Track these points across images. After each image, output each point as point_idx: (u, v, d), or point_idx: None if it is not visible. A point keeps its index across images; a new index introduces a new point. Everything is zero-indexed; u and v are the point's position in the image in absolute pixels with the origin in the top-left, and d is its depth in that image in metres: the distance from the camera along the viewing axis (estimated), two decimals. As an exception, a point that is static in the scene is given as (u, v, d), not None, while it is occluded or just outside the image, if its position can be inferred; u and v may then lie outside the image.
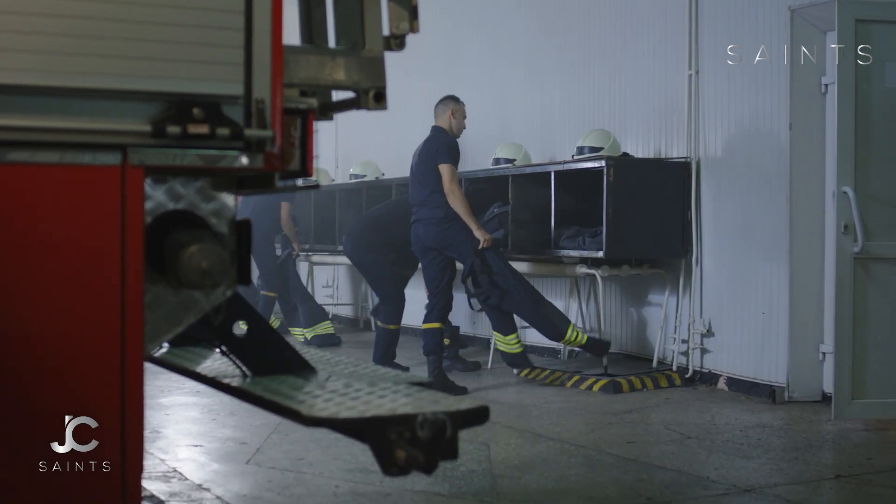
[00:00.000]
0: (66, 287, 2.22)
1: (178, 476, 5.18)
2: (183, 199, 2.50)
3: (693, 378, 7.99)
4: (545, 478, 5.15)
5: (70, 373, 2.23)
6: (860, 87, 6.26)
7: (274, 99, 2.36)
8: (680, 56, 8.14)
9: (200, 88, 2.30)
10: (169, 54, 2.26)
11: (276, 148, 2.38)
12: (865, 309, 6.25)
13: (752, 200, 7.60)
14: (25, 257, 2.23)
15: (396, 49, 2.66)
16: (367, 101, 2.63)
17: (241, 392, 2.91)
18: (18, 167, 2.22)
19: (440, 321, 7.98)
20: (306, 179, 2.63)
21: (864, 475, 5.21)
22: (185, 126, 2.26)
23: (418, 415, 2.45)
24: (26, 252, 2.23)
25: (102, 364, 2.24)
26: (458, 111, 8.12)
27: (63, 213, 2.26)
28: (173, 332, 2.56)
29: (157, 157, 2.29)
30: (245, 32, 2.32)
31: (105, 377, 2.24)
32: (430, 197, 7.90)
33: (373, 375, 3.24)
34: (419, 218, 7.99)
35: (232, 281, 2.57)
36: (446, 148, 7.91)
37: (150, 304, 2.49)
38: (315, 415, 2.56)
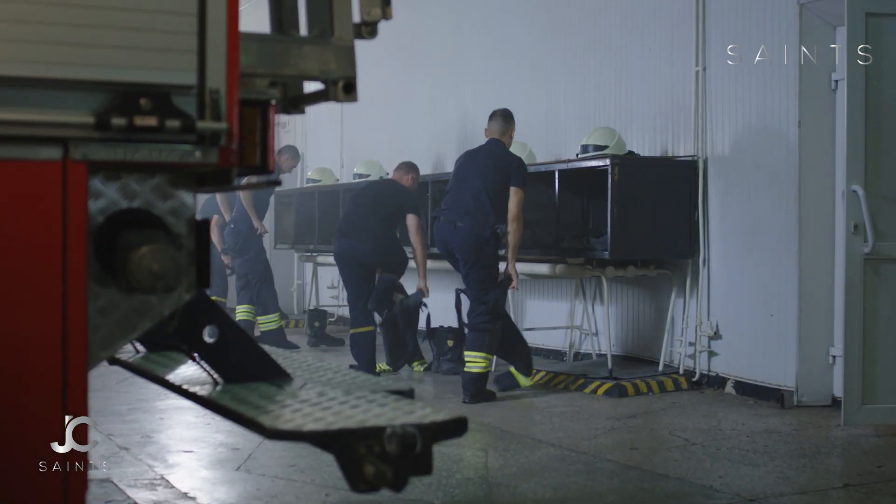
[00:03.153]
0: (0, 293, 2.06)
1: (165, 484, 5.04)
2: (138, 197, 2.35)
3: (700, 382, 7.80)
4: (543, 486, 4.98)
5: (4, 386, 2.06)
6: (870, 82, 6.06)
7: (230, 89, 2.19)
8: (686, 52, 7.96)
9: (149, 77, 2.13)
10: (114, 41, 2.10)
11: (232, 142, 2.21)
12: (875, 311, 6.05)
13: (760, 200, 7.42)
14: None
15: (368, 37, 2.50)
16: (337, 93, 2.46)
17: (206, 401, 2.76)
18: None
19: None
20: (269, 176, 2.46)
21: (874, 484, 5.02)
22: (131, 118, 2.10)
23: (386, 427, 2.30)
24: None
25: (41, 376, 2.08)
26: (513, 131, 7.79)
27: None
28: (128, 339, 2.41)
29: (102, 152, 2.13)
30: (198, 17, 2.16)
31: (44, 391, 2.08)
32: (480, 210, 7.42)
33: (351, 383, 3.09)
34: (463, 225, 7.48)
35: (190, 284, 2.42)
36: (519, 169, 7.49)
37: (103, 309, 2.33)
38: (278, 427, 2.41)
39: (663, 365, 8.10)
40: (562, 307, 9.36)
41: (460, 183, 7.64)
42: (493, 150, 7.65)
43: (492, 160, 7.56)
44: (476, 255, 7.45)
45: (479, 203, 7.43)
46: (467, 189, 7.54)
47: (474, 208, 7.44)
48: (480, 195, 7.44)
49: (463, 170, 7.69)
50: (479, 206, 7.43)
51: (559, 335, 9.33)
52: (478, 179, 7.50)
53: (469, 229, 7.43)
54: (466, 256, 7.50)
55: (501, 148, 7.65)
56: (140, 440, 6.02)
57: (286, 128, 14.45)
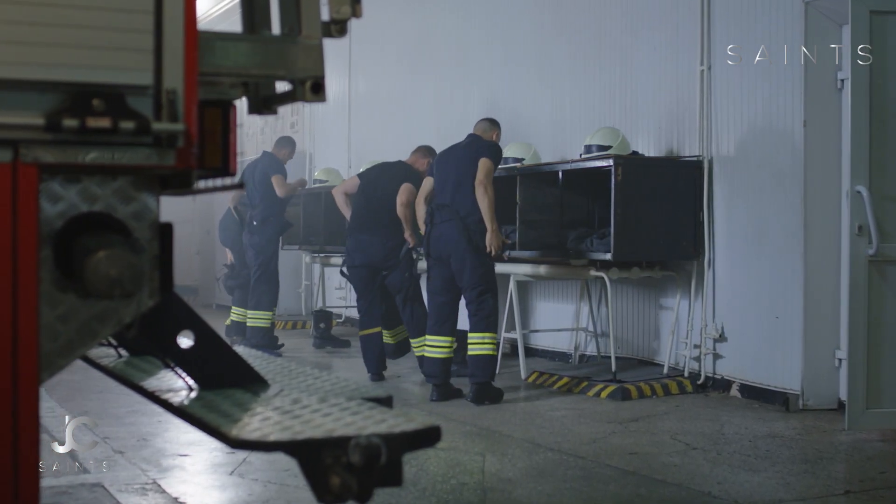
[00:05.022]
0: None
1: (156, 488, 4.98)
2: (99, 200, 2.28)
3: (705, 384, 7.72)
4: (538, 492, 4.91)
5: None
6: (875, 81, 5.96)
7: (188, 89, 2.12)
8: (691, 51, 7.87)
9: (102, 77, 2.06)
10: (67, 39, 2.03)
11: (191, 144, 2.14)
12: (880, 314, 5.95)
13: (765, 200, 7.33)
14: None
15: (337, 35, 2.42)
16: (304, 93, 2.39)
17: (175, 409, 2.70)
18: None
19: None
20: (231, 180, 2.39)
21: (875, 490, 4.93)
22: (83, 119, 2.03)
23: (351, 438, 2.23)
24: None
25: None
26: (497, 135, 7.85)
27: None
28: (89, 346, 2.35)
29: (54, 154, 2.06)
30: (155, 15, 2.09)
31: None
32: (463, 201, 7.49)
33: (328, 389, 3.02)
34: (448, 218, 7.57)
35: (154, 290, 2.35)
36: (490, 147, 7.54)
37: (62, 315, 2.27)
38: (243, 437, 2.34)
39: (668, 367, 8.01)
40: (567, 309, 9.28)
41: (442, 180, 7.64)
42: (471, 142, 7.67)
43: (470, 150, 7.53)
44: (466, 242, 7.39)
45: (462, 195, 7.43)
46: (449, 183, 7.55)
47: (456, 200, 7.47)
48: (461, 186, 7.45)
49: (443, 167, 7.69)
50: (461, 198, 7.43)
51: (564, 337, 9.25)
52: (455, 172, 7.52)
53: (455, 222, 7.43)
54: (455, 247, 7.45)
55: (478, 139, 7.68)
56: (136, 443, 5.97)
57: (294, 128, 14.41)
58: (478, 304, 7.40)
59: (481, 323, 7.38)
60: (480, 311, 7.39)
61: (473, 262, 7.38)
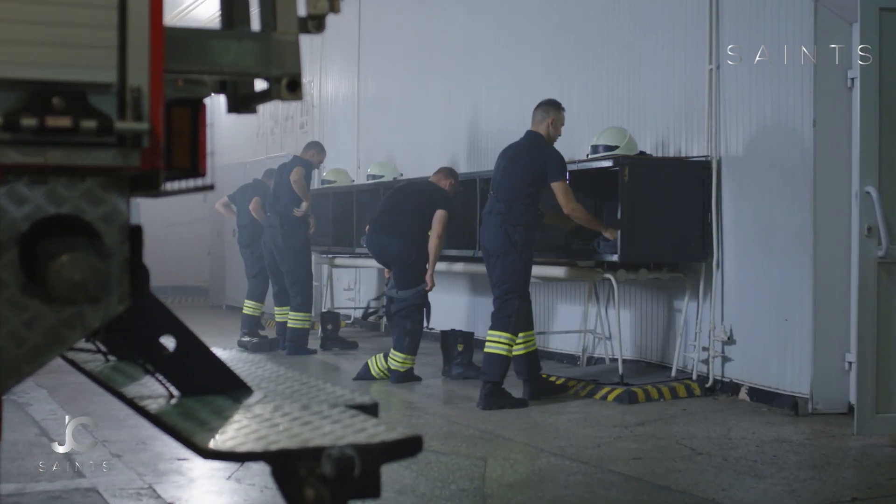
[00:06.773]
0: None
1: (151, 493, 4.92)
2: (67, 202, 2.21)
3: (713, 388, 7.61)
4: (537, 498, 4.81)
5: None
6: (885, 80, 5.85)
7: (153, 87, 2.04)
8: (699, 51, 7.77)
9: (63, 75, 1.99)
10: (25, 35, 1.96)
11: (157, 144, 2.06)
12: (890, 316, 5.84)
13: (774, 201, 7.21)
14: None
15: (314, 31, 2.34)
16: (280, 91, 2.31)
17: (150, 416, 2.62)
18: None
19: None
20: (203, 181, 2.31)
21: (883, 497, 4.82)
22: (42, 118, 1.96)
23: (325, 449, 2.15)
24: None
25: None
26: (557, 120, 7.55)
27: None
28: (56, 352, 2.27)
29: (13, 155, 1.99)
30: (119, 11, 2.01)
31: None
32: (509, 206, 7.40)
33: (313, 396, 2.94)
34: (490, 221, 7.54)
35: (124, 295, 2.28)
36: (552, 161, 7.36)
37: (28, 321, 2.20)
38: (214, 447, 2.27)
39: (676, 370, 7.90)
40: (576, 311, 9.19)
41: (497, 179, 7.60)
42: (527, 142, 7.55)
43: (527, 154, 7.45)
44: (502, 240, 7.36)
45: (509, 198, 7.39)
46: (501, 185, 7.50)
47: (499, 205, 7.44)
48: (512, 189, 7.40)
49: (500, 161, 7.65)
50: (508, 201, 7.39)
51: (573, 339, 9.16)
52: (508, 176, 7.47)
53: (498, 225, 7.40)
54: (492, 244, 7.44)
55: (536, 139, 7.51)
56: (134, 447, 5.91)
57: (304, 128, 14.34)
58: (502, 303, 7.37)
59: (501, 322, 7.33)
60: (503, 309, 7.37)
61: (505, 261, 7.35)
